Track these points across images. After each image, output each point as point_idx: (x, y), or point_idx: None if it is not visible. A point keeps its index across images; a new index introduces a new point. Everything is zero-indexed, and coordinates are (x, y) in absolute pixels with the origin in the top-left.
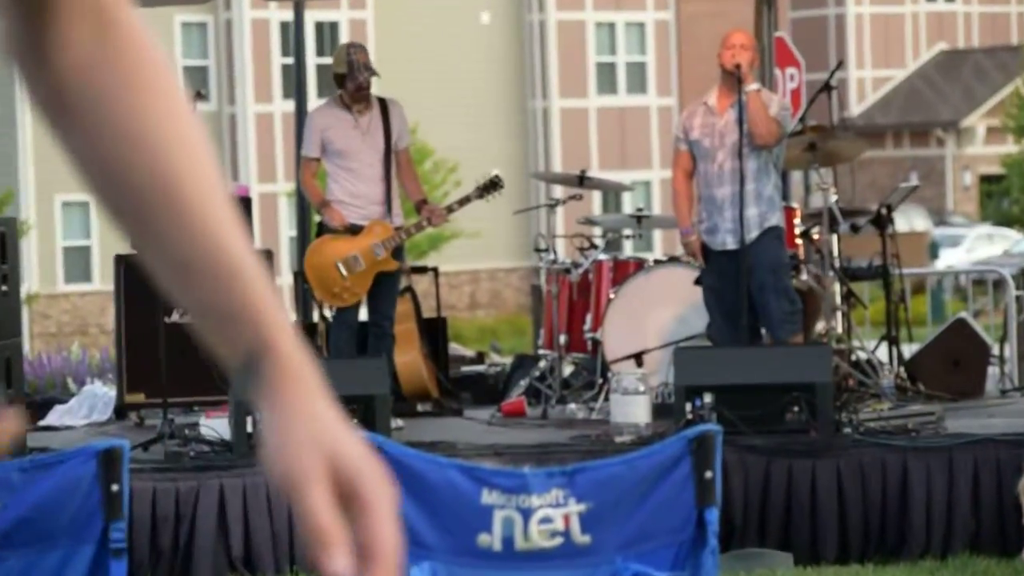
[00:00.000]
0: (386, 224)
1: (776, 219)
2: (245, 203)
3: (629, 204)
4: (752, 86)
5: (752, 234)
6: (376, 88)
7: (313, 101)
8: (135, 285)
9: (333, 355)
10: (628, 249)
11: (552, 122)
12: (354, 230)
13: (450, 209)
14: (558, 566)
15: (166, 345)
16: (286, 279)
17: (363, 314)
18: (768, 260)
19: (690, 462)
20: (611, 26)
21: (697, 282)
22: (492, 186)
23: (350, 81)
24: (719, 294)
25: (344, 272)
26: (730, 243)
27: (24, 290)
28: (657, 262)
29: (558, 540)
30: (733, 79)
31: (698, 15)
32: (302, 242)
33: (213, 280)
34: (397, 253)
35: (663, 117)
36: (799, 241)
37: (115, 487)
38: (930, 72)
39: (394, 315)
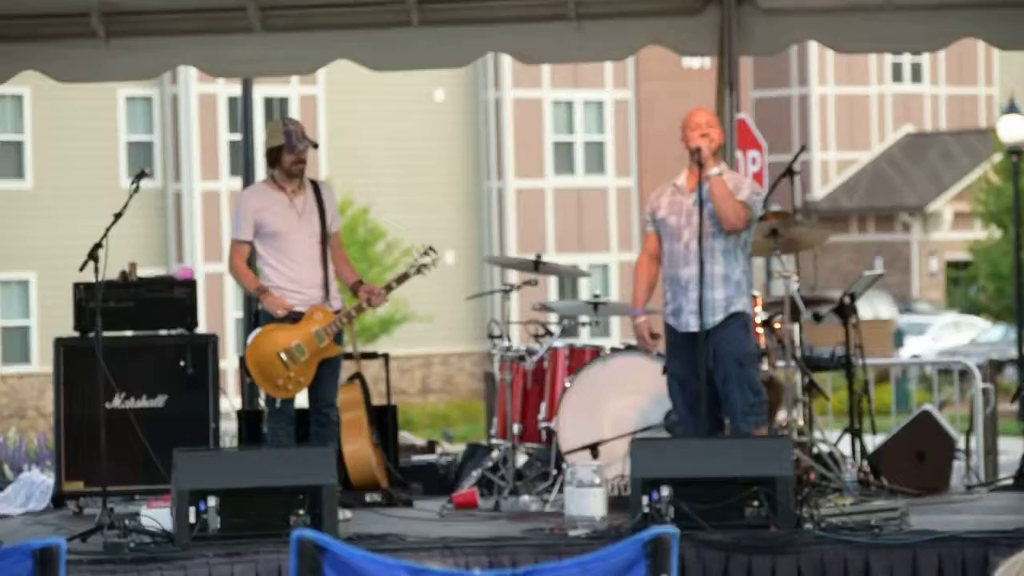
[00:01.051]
0: (326, 310)
1: (743, 304)
2: (190, 285)
3: (586, 289)
4: (714, 170)
5: (717, 317)
6: (326, 166)
7: (262, 179)
8: (76, 369)
9: (271, 444)
10: (585, 336)
11: (507, 202)
12: (294, 317)
13: (388, 288)
14: None
15: (107, 432)
16: (231, 362)
17: (301, 401)
18: (733, 350)
19: (645, 566)
20: (569, 104)
21: (665, 371)
22: (428, 260)
23: (288, 153)
24: (684, 383)
25: (287, 362)
26: (693, 325)
27: None
28: (614, 350)
29: None
30: (697, 163)
31: (658, 94)
32: (248, 324)
33: None
34: (338, 338)
35: (622, 198)
36: (760, 330)
37: None
38: (896, 155)
39: (336, 401)
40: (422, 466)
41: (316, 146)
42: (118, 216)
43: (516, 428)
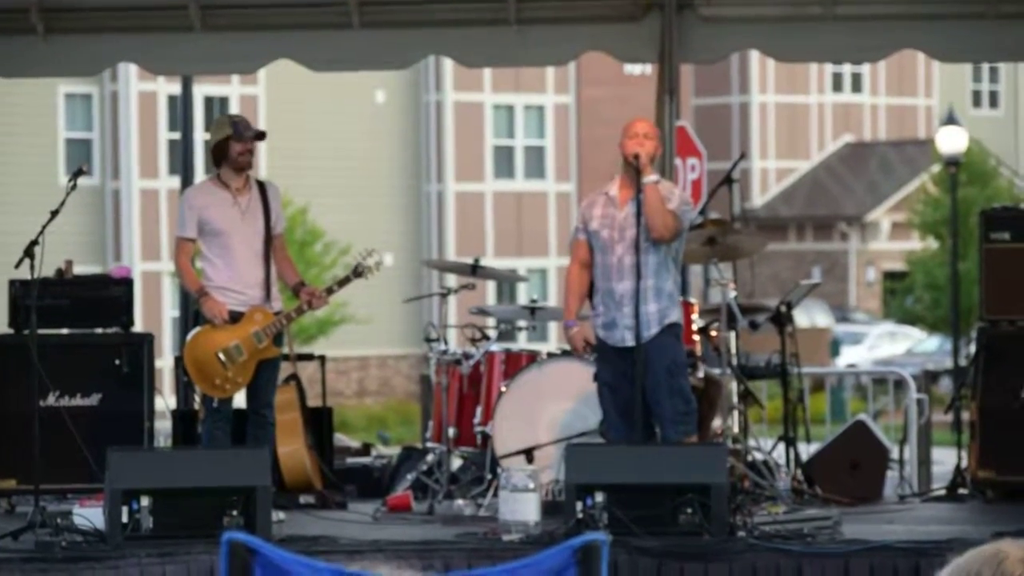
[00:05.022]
0: (266, 310)
1: (676, 315)
2: (126, 284)
3: (524, 294)
4: (651, 178)
5: (652, 330)
6: (266, 166)
7: (200, 178)
8: (10, 366)
9: (207, 444)
10: (522, 340)
11: (447, 206)
12: (233, 317)
13: (330, 291)
14: None
15: (40, 429)
16: (167, 362)
17: (239, 401)
18: (664, 359)
19: (575, 572)
20: (509, 108)
21: (596, 378)
22: (370, 264)
23: (236, 141)
24: (615, 390)
25: (226, 362)
26: (629, 340)
27: None
28: (550, 355)
29: None
30: (634, 169)
31: (599, 99)
32: (185, 323)
33: None
34: (277, 339)
35: (561, 203)
36: (696, 338)
37: None
38: (835, 164)
39: (274, 402)
40: (356, 468)
41: (263, 135)
42: (55, 213)
43: (451, 432)
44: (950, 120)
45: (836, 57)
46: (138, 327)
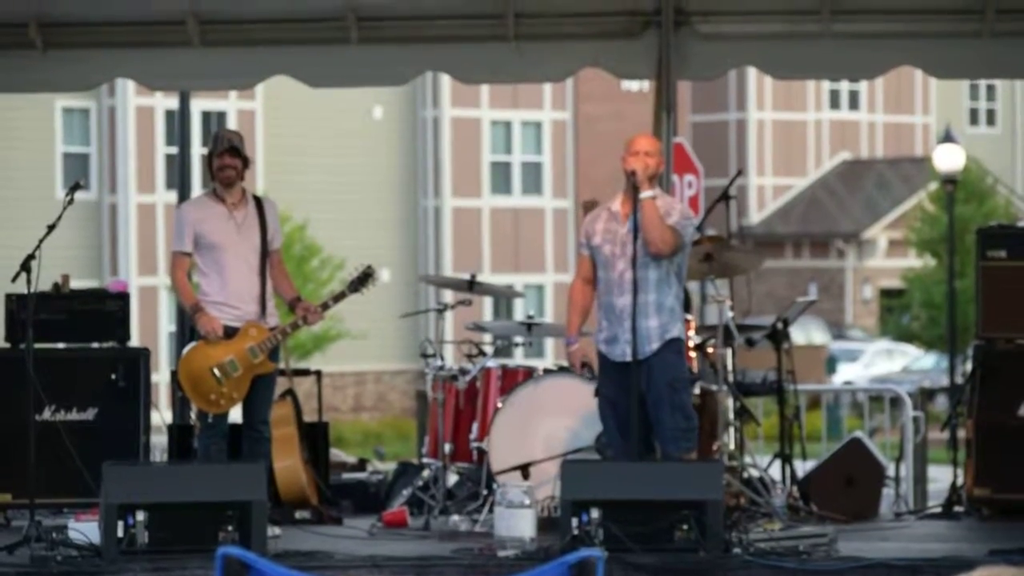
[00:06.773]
0: (261, 326)
1: (677, 331)
2: (123, 299)
3: (521, 310)
4: (647, 193)
5: (653, 345)
6: (263, 181)
7: (197, 193)
8: (6, 380)
9: (202, 459)
10: (518, 356)
11: (444, 221)
12: (228, 332)
13: (325, 306)
14: None
15: (36, 444)
16: (164, 376)
17: (235, 416)
18: (667, 375)
19: None
20: (507, 124)
21: (597, 394)
22: (365, 279)
23: (215, 157)
24: (615, 405)
25: (220, 378)
26: (630, 355)
27: None
28: (547, 371)
29: None
30: (632, 185)
31: (597, 116)
32: (182, 338)
33: None
34: (273, 354)
35: (558, 219)
36: (693, 354)
37: None
38: (832, 181)
39: (270, 418)
40: (352, 484)
41: (246, 159)
42: (52, 227)
43: (447, 447)
44: (947, 138)
45: (833, 74)
46: (134, 341)
